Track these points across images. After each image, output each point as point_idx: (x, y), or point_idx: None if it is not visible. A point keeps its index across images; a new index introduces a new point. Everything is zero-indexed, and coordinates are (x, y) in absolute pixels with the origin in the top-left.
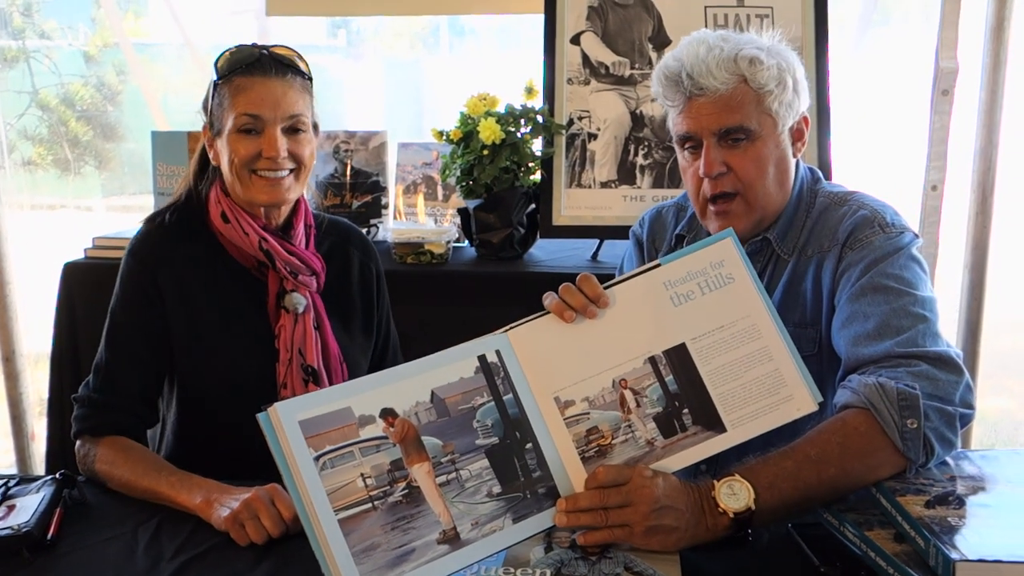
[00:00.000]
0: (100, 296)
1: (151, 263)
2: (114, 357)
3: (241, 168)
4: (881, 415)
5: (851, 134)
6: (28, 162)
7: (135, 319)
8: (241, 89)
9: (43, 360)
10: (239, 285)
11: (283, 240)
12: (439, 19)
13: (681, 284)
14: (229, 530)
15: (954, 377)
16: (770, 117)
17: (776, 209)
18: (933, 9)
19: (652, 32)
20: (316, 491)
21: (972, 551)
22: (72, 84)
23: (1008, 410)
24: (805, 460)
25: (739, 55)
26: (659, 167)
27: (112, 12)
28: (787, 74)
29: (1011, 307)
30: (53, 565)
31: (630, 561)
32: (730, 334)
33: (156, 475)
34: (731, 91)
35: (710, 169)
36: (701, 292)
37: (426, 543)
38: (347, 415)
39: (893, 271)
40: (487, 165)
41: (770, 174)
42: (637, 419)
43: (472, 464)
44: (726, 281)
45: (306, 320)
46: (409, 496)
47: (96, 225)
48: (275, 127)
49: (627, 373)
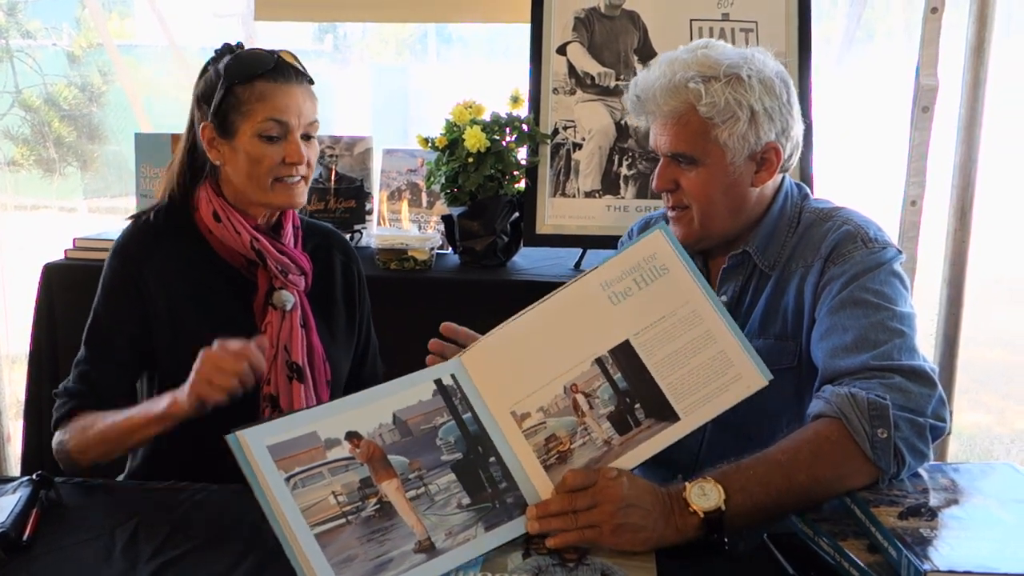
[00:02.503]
0: (80, 297)
1: (135, 261)
2: (93, 355)
3: (266, 175)
4: (852, 424)
5: (834, 149)
6: (11, 162)
7: (116, 317)
8: (266, 95)
9: (20, 361)
10: (225, 283)
11: (273, 240)
12: (426, 26)
13: (617, 282)
14: (199, 394)
15: (927, 390)
16: (718, 147)
17: (726, 231)
18: (915, 28)
19: (638, 44)
20: (290, 509)
21: (943, 562)
22: (56, 84)
23: (984, 425)
24: (776, 465)
25: (688, 85)
26: (643, 178)
27: (97, 13)
28: (740, 108)
29: (988, 322)
30: (29, 566)
31: (607, 568)
32: (671, 323)
33: (120, 415)
34: (678, 116)
35: (659, 184)
36: (638, 287)
37: (403, 553)
38: (313, 439)
39: (873, 286)
40: (472, 173)
41: (716, 199)
42: (592, 421)
43: (439, 479)
44: (661, 273)
45: (293, 318)
46: (381, 510)
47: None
48: (297, 133)
49: (576, 378)
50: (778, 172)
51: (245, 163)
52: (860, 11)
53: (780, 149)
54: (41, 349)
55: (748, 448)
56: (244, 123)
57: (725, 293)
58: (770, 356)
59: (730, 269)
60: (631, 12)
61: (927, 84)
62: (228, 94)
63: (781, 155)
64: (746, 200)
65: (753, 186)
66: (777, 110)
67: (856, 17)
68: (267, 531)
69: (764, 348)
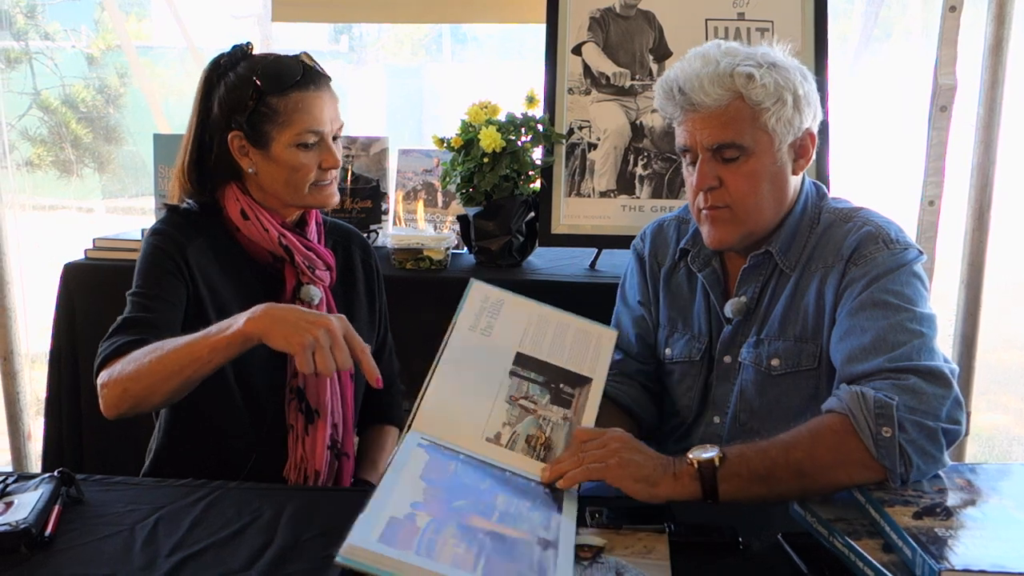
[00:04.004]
0: (100, 297)
1: (177, 242)
2: (143, 300)
3: (304, 182)
4: (857, 420)
5: (850, 149)
6: (28, 163)
7: (165, 284)
8: (300, 106)
9: (40, 360)
10: (254, 278)
11: (300, 236)
12: (441, 27)
13: (477, 324)
14: (296, 353)
15: (941, 391)
16: (766, 134)
17: (768, 225)
18: (933, 27)
19: (653, 44)
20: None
21: (958, 561)
22: (74, 86)
23: (1003, 426)
24: (776, 441)
25: (735, 71)
26: (658, 177)
27: (115, 15)
28: (786, 91)
29: (1007, 323)
30: (51, 561)
31: (622, 566)
32: (535, 327)
33: (182, 339)
34: (725, 107)
35: (702, 183)
36: (494, 319)
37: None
38: (404, 520)
39: (894, 287)
40: (487, 173)
41: (764, 191)
42: (544, 411)
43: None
44: (500, 305)
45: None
46: None
47: (96, 226)
48: (330, 138)
49: (510, 391)
50: (808, 164)
51: (283, 171)
52: (877, 10)
53: (815, 136)
54: (61, 348)
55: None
56: (280, 133)
57: (745, 293)
58: (789, 358)
59: (750, 269)
60: (646, 12)
61: (945, 83)
62: (260, 104)
63: (815, 142)
64: (788, 191)
65: (794, 174)
66: (812, 95)
67: (873, 16)
68: (285, 527)
69: (784, 350)
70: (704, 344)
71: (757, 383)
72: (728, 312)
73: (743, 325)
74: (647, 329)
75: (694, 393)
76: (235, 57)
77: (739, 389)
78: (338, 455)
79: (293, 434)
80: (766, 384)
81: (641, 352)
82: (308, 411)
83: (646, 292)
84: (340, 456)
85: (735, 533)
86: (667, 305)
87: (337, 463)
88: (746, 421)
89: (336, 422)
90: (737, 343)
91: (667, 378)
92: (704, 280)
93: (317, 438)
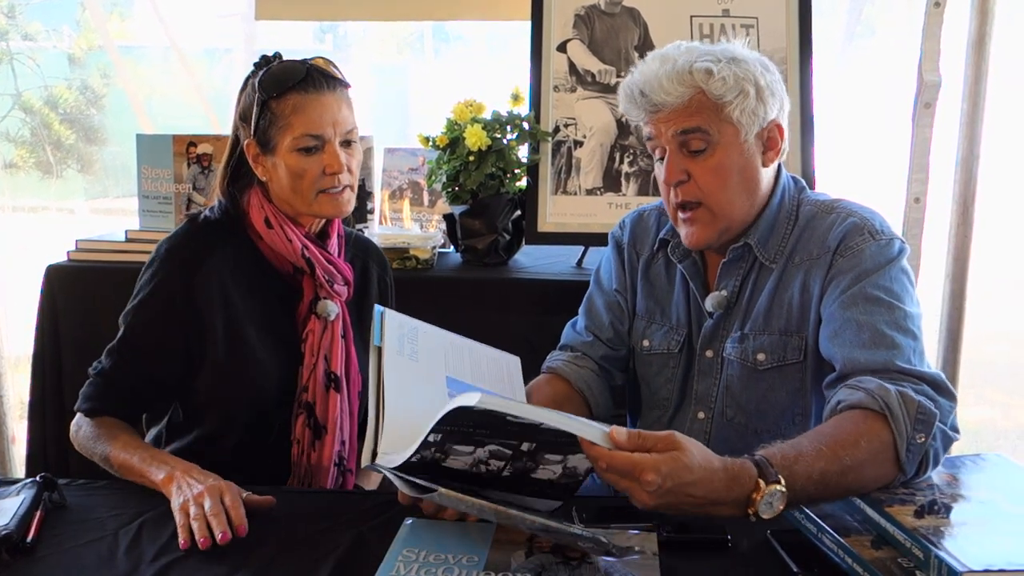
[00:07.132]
0: (83, 298)
1: (190, 267)
2: (122, 360)
3: (309, 188)
4: (896, 422)
5: (835, 145)
6: (10, 164)
7: (155, 333)
8: (299, 108)
9: (23, 363)
10: (272, 288)
11: (321, 248)
12: (425, 24)
13: (405, 349)
14: (176, 519)
15: (948, 402)
16: (731, 125)
17: (743, 218)
18: (917, 22)
19: (638, 41)
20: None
21: (975, 561)
22: (56, 87)
23: (989, 419)
24: (834, 462)
25: (694, 67)
26: (644, 175)
27: (97, 14)
28: (747, 83)
29: (991, 317)
30: (32, 568)
31: (610, 566)
32: (451, 354)
33: (132, 451)
34: (687, 102)
35: (671, 177)
36: (416, 344)
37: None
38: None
39: (884, 283)
40: (473, 171)
41: (733, 183)
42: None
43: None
44: (415, 333)
45: (335, 327)
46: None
47: (79, 227)
48: (335, 142)
49: None
50: (779, 156)
51: (288, 177)
52: (861, 6)
53: (783, 128)
54: (44, 351)
55: (754, 443)
56: (282, 137)
57: (725, 287)
58: (775, 352)
59: (730, 263)
60: (631, 9)
61: (929, 79)
62: (264, 109)
63: (784, 133)
64: (759, 183)
65: (764, 166)
66: (776, 85)
67: (857, 12)
68: (268, 534)
69: (769, 344)
70: (683, 336)
71: (743, 378)
72: (709, 306)
73: (724, 319)
74: (620, 316)
75: (673, 385)
76: (259, 65)
77: (724, 385)
78: (343, 471)
79: (298, 448)
80: (752, 379)
81: (612, 338)
82: (316, 427)
83: (623, 280)
84: (345, 472)
85: (724, 531)
86: (645, 295)
87: (342, 479)
88: (733, 416)
89: (344, 439)
90: (719, 338)
91: (646, 369)
92: (684, 271)
93: (323, 454)
